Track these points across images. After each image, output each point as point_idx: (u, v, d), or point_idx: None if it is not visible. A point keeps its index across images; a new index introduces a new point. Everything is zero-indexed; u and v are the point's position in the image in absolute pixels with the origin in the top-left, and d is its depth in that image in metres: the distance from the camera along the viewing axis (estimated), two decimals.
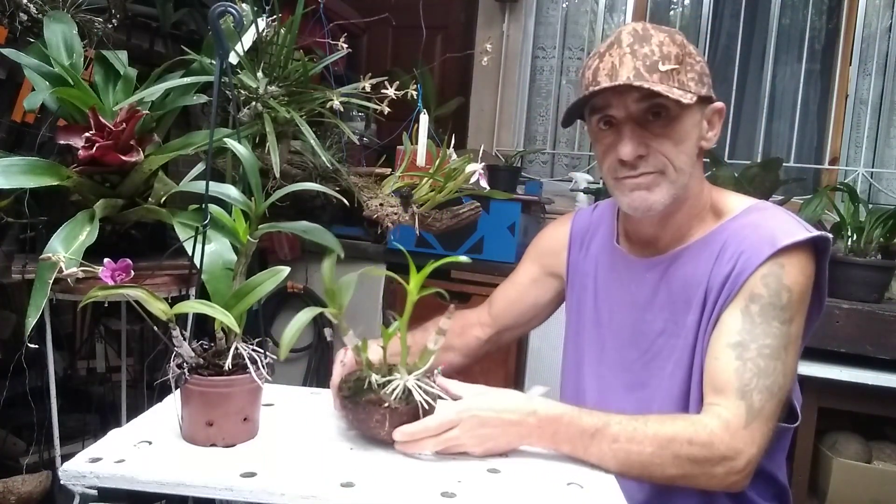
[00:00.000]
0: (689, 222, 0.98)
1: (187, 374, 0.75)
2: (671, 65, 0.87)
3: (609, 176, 0.95)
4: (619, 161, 0.91)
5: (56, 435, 1.18)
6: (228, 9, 0.86)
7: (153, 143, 1.15)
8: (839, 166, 2.60)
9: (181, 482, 0.69)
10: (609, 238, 1.09)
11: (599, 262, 1.09)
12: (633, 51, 0.88)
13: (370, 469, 0.75)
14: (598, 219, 1.13)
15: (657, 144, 0.90)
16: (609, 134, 0.93)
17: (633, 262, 1.03)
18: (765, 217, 0.94)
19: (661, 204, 0.91)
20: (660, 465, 0.81)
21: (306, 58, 1.19)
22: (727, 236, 0.94)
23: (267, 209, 0.82)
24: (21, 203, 1.14)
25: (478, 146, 1.69)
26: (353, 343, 0.82)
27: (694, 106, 0.89)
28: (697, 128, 0.92)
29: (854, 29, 2.57)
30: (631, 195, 0.92)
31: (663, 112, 0.89)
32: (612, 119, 0.92)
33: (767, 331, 0.87)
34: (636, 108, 0.89)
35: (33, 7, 1.23)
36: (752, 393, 0.85)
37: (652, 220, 0.97)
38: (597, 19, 2.89)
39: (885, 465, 1.85)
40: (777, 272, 0.88)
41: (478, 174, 1.21)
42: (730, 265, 0.91)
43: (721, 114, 0.96)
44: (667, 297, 0.98)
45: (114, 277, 0.70)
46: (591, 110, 0.94)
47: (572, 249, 1.14)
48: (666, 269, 0.98)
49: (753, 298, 0.88)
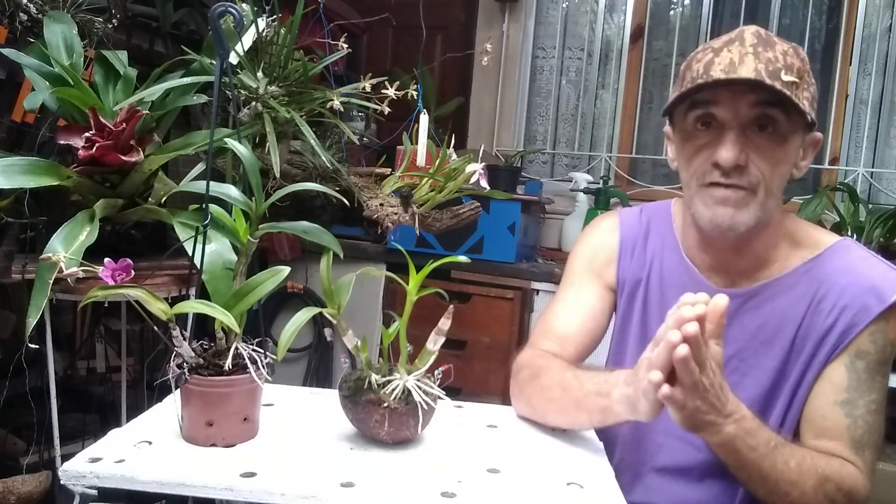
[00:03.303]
0: (766, 251, 0.92)
1: (187, 374, 0.75)
2: (793, 77, 0.80)
3: (694, 181, 0.88)
4: (714, 164, 0.84)
5: (56, 435, 1.18)
6: (228, 9, 0.86)
7: (153, 143, 1.15)
8: (839, 166, 2.60)
9: (181, 482, 0.69)
10: (673, 250, 1.01)
11: (654, 270, 1.01)
12: (756, 52, 0.81)
13: (370, 469, 0.75)
14: (647, 223, 1.05)
15: (757, 159, 0.83)
16: (705, 135, 0.86)
17: (705, 286, 0.95)
18: (860, 264, 0.90)
19: (744, 225, 0.85)
20: (811, 499, 0.81)
21: (306, 58, 1.19)
22: (821, 282, 0.90)
23: (267, 209, 0.82)
24: (21, 203, 1.14)
25: (478, 146, 1.69)
26: (353, 343, 0.82)
27: (799, 129, 0.84)
28: (796, 153, 0.87)
29: (854, 29, 2.57)
30: (715, 209, 0.85)
31: (771, 126, 0.82)
32: (713, 119, 0.84)
33: (872, 386, 0.87)
34: (747, 114, 0.82)
35: (33, 7, 1.23)
36: (864, 449, 0.86)
37: (728, 241, 0.90)
38: (597, 19, 2.89)
39: (885, 465, 1.85)
40: (884, 328, 0.87)
41: (478, 174, 1.21)
42: (831, 318, 0.88)
43: (817, 145, 0.90)
44: (739, 332, 0.93)
45: (114, 277, 0.70)
46: (691, 105, 0.86)
47: (622, 257, 1.05)
48: (743, 303, 0.93)
49: (860, 355, 0.87)
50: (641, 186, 2.76)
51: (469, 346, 2.24)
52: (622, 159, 2.88)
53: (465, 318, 2.21)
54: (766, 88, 0.79)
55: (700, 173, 0.86)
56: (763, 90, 0.80)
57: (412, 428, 0.80)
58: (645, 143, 2.87)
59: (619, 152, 2.88)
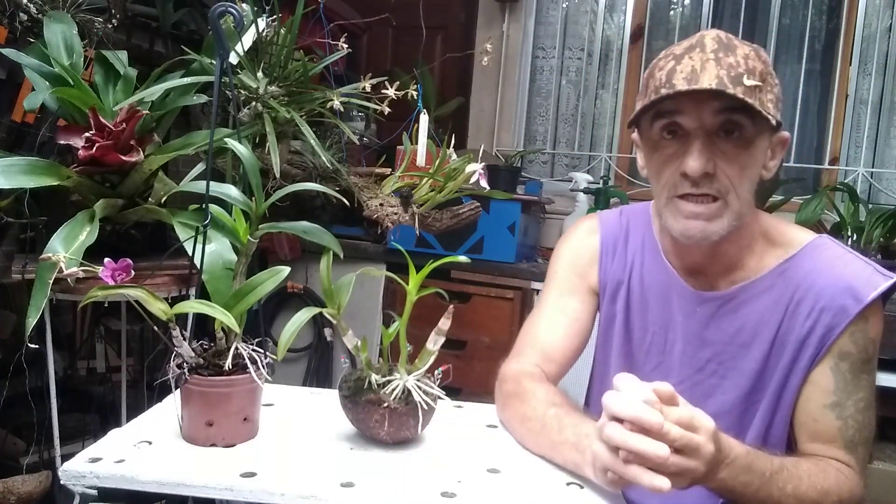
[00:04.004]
0: (739, 253, 0.92)
1: (187, 374, 0.75)
2: (755, 80, 0.79)
3: (664, 193, 0.87)
4: (682, 174, 0.83)
5: (56, 435, 1.18)
6: (228, 9, 0.86)
7: (153, 143, 1.16)
8: (839, 166, 2.60)
9: (181, 482, 0.69)
10: (653, 252, 1.01)
11: (635, 271, 1.02)
12: (717, 58, 0.80)
13: (370, 469, 0.75)
14: (626, 225, 1.05)
15: (725, 166, 0.82)
16: (672, 144, 0.85)
17: (682, 288, 0.96)
18: (836, 263, 0.89)
19: (717, 235, 0.85)
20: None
21: (306, 58, 1.19)
22: (797, 285, 0.90)
23: (267, 209, 0.82)
24: (21, 203, 1.14)
25: (478, 146, 1.69)
26: (353, 343, 0.82)
27: (766, 131, 0.84)
28: (763, 155, 0.86)
29: (854, 29, 2.57)
30: (686, 223, 0.85)
31: (737, 131, 0.82)
32: (678, 128, 0.84)
33: (858, 385, 0.88)
34: (711, 121, 0.81)
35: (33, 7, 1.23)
36: (857, 447, 0.87)
37: (701, 248, 0.90)
38: (597, 19, 2.89)
39: (885, 465, 1.85)
40: (863, 327, 0.87)
41: (478, 174, 1.21)
42: (810, 321, 0.88)
43: (784, 144, 0.90)
44: (717, 334, 0.94)
45: (114, 277, 0.70)
46: (656, 115, 0.85)
47: (604, 259, 1.05)
48: (720, 306, 0.93)
49: (843, 357, 0.87)
50: (641, 186, 2.76)
51: (469, 346, 2.24)
52: (622, 159, 2.88)
53: (465, 318, 2.21)
54: (728, 97, 0.78)
55: (670, 184, 0.86)
56: (726, 97, 0.79)
57: (412, 428, 0.80)
58: None
59: (619, 152, 2.88)
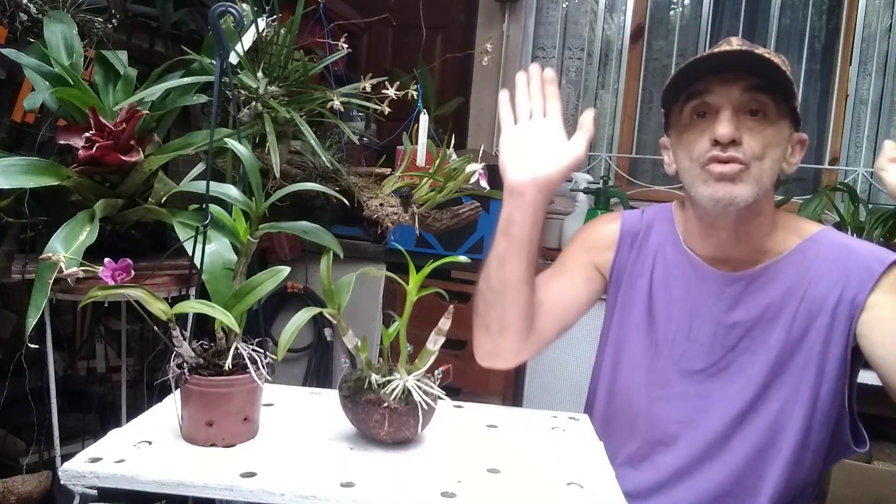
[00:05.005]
0: (761, 239, 0.98)
1: (187, 374, 0.75)
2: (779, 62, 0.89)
3: (696, 164, 0.93)
4: (712, 142, 0.90)
5: (56, 435, 1.18)
6: (228, 9, 0.86)
7: (153, 143, 1.16)
8: (839, 166, 2.60)
9: (181, 482, 0.69)
10: (675, 245, 1.05)
11: (658, 264, 1.06)
12: (745, 46, 0.91)
13: (370, 469, 0.75)
14: (648, 222, 1.10)
15: (749, 139, 0.90)
16: (701, 123, 0.93)
17: (708, 273, 1.00)
18: (850, 242, 0.98)
19: (743, 200, 0.90)
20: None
21: (306, 58, 1.19)
22: (811, 260, 0.96)
23: (267, 209, 0.82)
24: (21, 203, 1.14)
25: (478, 146, 1.69)
26: (353, 343, 0.82)
27: (786, 122, 0.92)
28: (784, 145, 0.93)
29: (854, 29, 2.57)
30: (714, 186, 0.91)
31: (762, 111, 0.90)
32: (707, 109, 0.92)
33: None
34: (738, 98, 0.90)
35: (33, 7, 1.23)
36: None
37: (728, 221, 0.95)
38: (597, 19, 2.89)
39: (885, 466, 1.85)
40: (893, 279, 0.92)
41: (478, 174, 1.21)
42: (837, 290, 0.93)
43: (804, 145, 0.97)
44: (746, 313, 0.98)
45: (114, 277, 0.70)
46: (686, 99, 0.94)
47: (621, 248, 1.09)
48: (748, 284, 0.98)
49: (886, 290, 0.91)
50: (641, 186, 2.76)
51: (469, 346, 2.22)
52: (622, 159, 2.88)
53: (465, 318, 2.18)
54: (755, 59, 0.87)
55: (700, 154, 0.92)
56: (753, 76, 0.88)
57: (412, 428, 0.80)
58: (645, 143, 2.87)
59: (619, 152, 2.88)
